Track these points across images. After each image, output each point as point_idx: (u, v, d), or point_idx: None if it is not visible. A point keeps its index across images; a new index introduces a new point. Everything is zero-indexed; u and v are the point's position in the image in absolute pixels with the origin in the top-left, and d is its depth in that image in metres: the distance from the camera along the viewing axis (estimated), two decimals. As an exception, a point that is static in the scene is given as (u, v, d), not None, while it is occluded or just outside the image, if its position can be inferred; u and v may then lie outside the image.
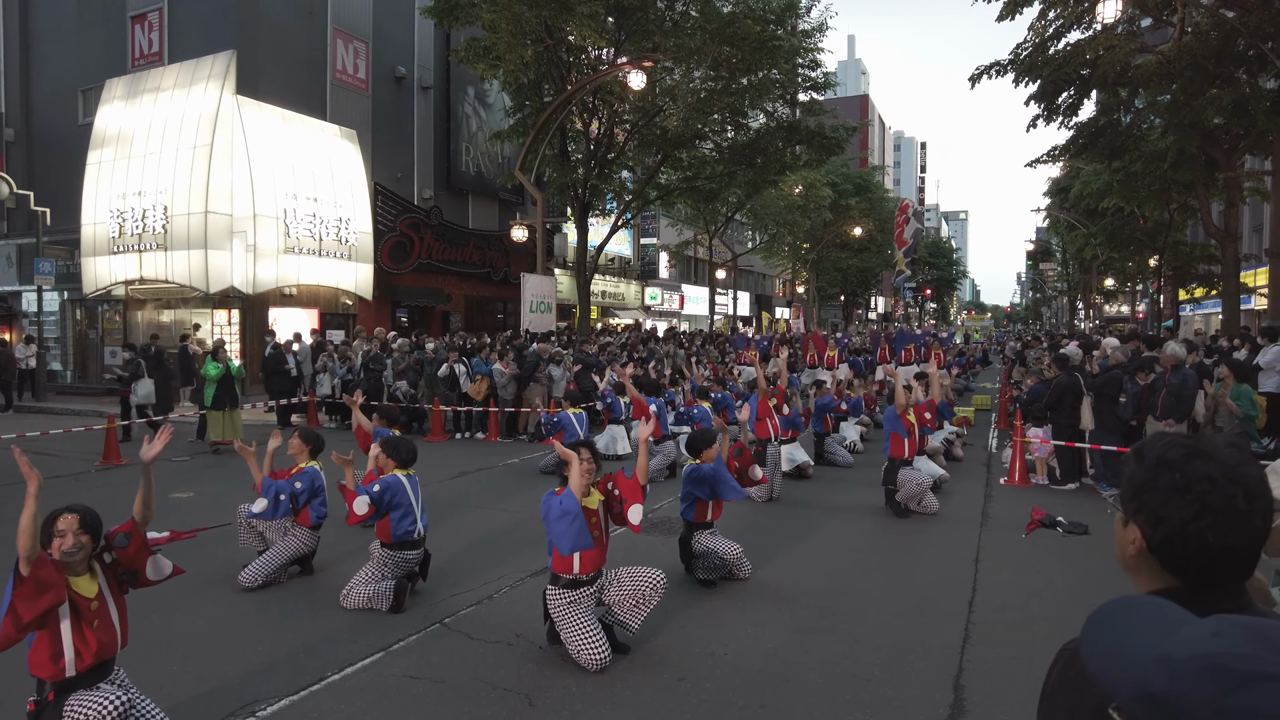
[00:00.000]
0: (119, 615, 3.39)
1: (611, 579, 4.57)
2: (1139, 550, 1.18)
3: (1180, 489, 1.13)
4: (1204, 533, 1.10)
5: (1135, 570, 1.23)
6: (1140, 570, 1.21)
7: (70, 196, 19.29)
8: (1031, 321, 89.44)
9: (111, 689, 3.26)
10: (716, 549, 5.73)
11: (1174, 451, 1.17)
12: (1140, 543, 1.18)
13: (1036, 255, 68.79)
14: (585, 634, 4.25)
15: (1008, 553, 6.66)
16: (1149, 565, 1.19)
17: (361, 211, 20.63)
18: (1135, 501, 1.20)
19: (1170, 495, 1.14)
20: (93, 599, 3.26)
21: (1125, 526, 1.22)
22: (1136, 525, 1.19)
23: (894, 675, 4.31)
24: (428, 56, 24.58)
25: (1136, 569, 1.22)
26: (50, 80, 22.14)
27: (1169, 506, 1.14)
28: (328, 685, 4.15)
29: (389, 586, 5.19)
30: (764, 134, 22.89)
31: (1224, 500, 1.11)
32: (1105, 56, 15.74)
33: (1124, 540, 1.22)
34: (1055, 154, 21.94)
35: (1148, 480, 1.18)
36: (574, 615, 4.32)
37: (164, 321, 19.48)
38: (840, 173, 39.50)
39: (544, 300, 19.06)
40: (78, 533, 3.24)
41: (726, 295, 40.06)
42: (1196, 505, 1.11)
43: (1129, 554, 1.21)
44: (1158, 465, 1.18)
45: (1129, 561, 1.23)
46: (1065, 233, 41.78)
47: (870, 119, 75.13)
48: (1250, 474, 1.13)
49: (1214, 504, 1.11)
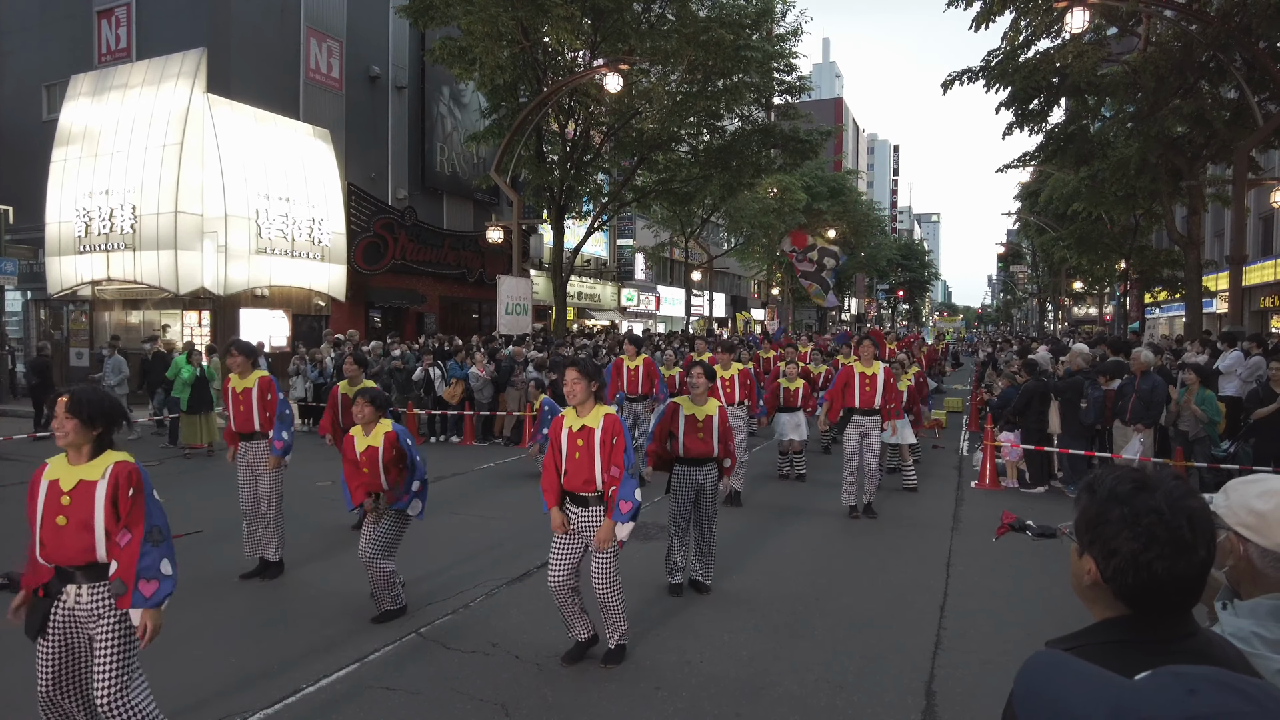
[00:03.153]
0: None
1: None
2: (1094, 580, 1.24)
3: (1130, 521, 1.19)
4: (1153, 563, 1.16)
5: (1090, 599, 1.28)
6: (1095, 599, 1.27)
7: (34, 194, 18.90)
8: (1002, 323, 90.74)
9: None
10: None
11: (1122, 485, 1.23)
12: (1095, 573, 1.23)
13: (1007, 258, 69.81)
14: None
15: (979, 556, 6.77)
16: (1103, 594, 1.24)
17: (335, 212, 20.43)
18: (1089, 534, 1.26)
19: (1120, 528, 1.20)
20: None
21: (1080, 557, 1.28)
22: (1090, 556, 1.24)
23: (867, 682, 4.37)
24: (402, 56, 24.40)
25: (1092, 598, 1.28)
26: (13, 75, 21.68)
27: (1120, 539, 1.19)
28: (303, 697, 4.13)
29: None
30: (739, 137, 23.01)
31: (1170, 532, 1.17)
32: (1074, 65, 16.05)
33: (1079, 570, 1.28)
34: (1026, 160, 22.28)
35: (1099, 513, 1.24)
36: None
37: (132, 323, 19.16)
38: (815, 176, 39.80)
39: (520, 302, 19.03)
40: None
41: (702, 296, 40.21)
42: (1146, 537, 1.17)
43: (1084, 584, 1.27)
44: (1108, 499, 1.24)
45: (1084, 591, 1.29)
46: (1035, 236, 42.46)
47: (845, 123, 75.73)
48: (1194, 505, 1.20)
49: (1161, 535, 1.17)
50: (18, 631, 3.15)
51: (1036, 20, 16.06)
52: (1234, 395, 10.17)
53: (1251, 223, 25.67)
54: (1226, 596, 1.62)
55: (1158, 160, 17.35)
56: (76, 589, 3.05)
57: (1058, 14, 14.71)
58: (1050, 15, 15.59)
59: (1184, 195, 18.43)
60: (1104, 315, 42.59)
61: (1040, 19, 15.90)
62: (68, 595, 3.07)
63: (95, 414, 3.06)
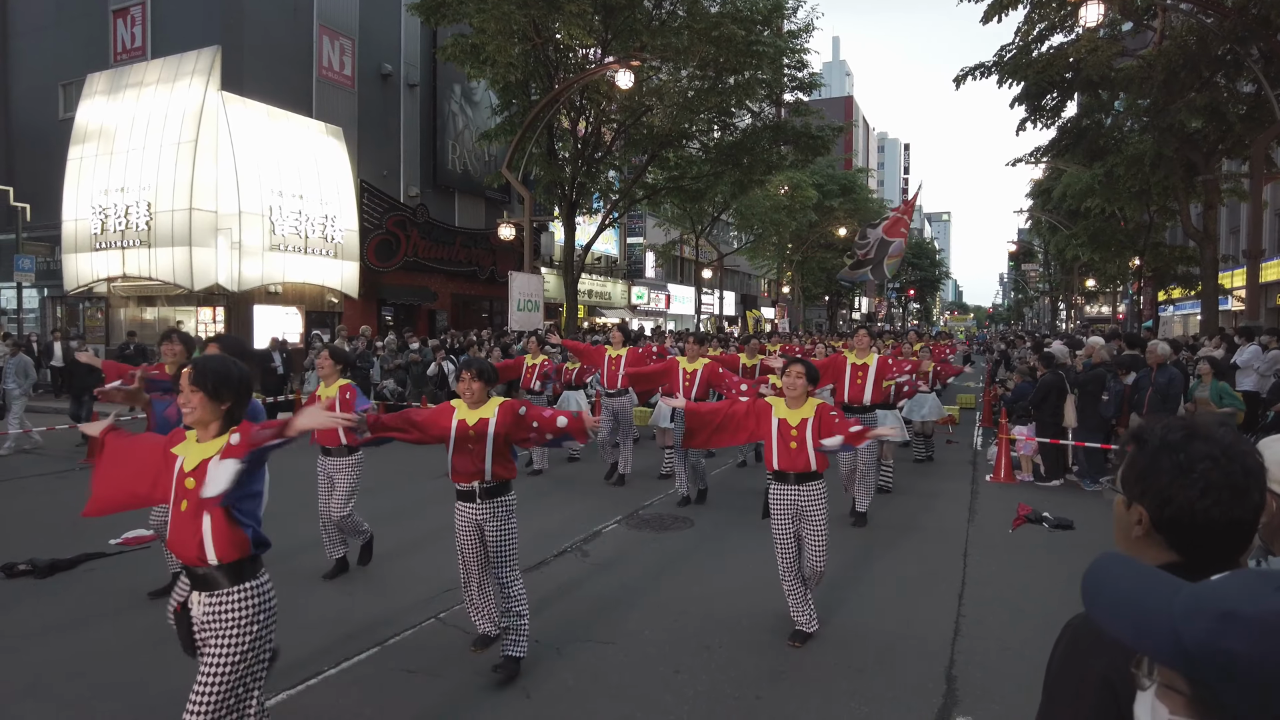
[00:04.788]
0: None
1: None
2: (1145, 530, 1.23)
3: (1185, 469, 1.19)
4: (1210, 509, 1.16)
5: (1140, 550, 1.28)
6: (1145, 549, 1.27)
7: (51, 192, 19.08)
8: (1014, 322, 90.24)
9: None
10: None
11: (1174, 434, 1.23)
12: (1147, 523, 1.23)
13: (1019, 256, 69.36)
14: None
15: (995, 548, 6.75)
16: (1154, 544, 1.24)
17: (347, 209, 20.53)
18: (1140, 485, 1.25)
19: (1175, 476, 1.20)
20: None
21: (1128, 509, 1.27)
22: (1141, 506, 1.24)
23: (886, 668, 4.37)
24: (414, 54, 24.49)
25: (1141, 549, 1.27)
26: (29, 74, 21.87)
27: (1175, 487, 1.19)
28: (324, 680, 4.15)
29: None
30: (750, 134, 22.98)
31: (1226, 477, 1.17)
32: (1088, 60, 15.97)
33: (1128, 522, 1.27)
34: (1038, 155, 22.18)
35: (1150, 463, 1.24)
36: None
37: (147, 319, 19.31)
38: (825, 174, 39.71)
39: (531, 298, 19.05)
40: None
41: (712, 295, 40.19)
42: (1202, 483, 1.17)
43: (1133, 535, 1.26)
44: (1160, 448, 1.23)
45: (1133, 542, 1.28)
46: (1047, 234, 42.21)
47: (855, 120, 75.54)
48: (1246, 449, 1.20)
49: (1217, 481, 1.17)
50: (15, 626, 3.17)
51: (1050, 14, 16.00)
52: (1252, 390, 10.10)
53: (1268, 217, 25.45)
54: (1260, 554, 1.61)
55: (1172, 155, 17.24)
56: (198, 596, 2.71)
57: (1071, 7, 14.65)
58: (1064, 9, 15.53)
59: (1199, 190, 18.31)
60: (1117, 314, 42.31)
61: (1054, 13, 15.83)
62: (193, 604, 2.73)
63: (220, 385, 2.72)
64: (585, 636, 4.76)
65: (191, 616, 2.72)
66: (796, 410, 4.73)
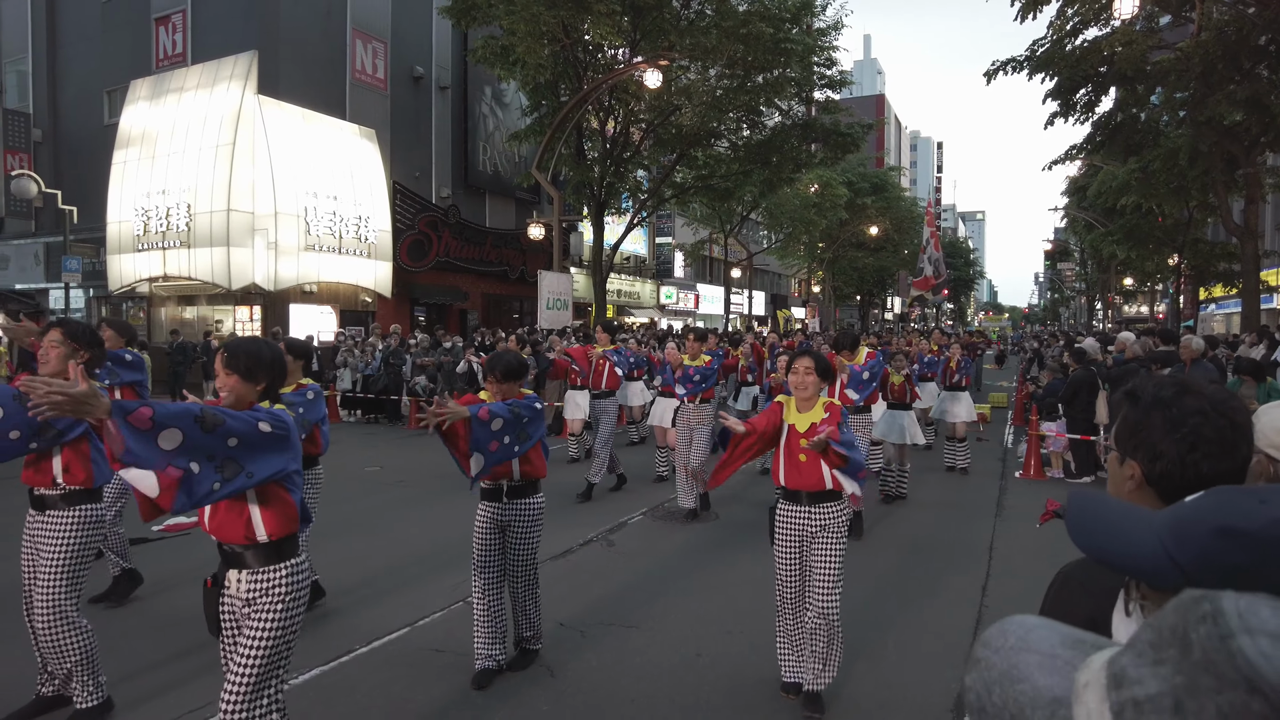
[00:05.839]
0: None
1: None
2: (1138, 485, 1.28)
3: (1175, 424, 1.23)
4: (1199, 462, 1.21)
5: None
6: (1138, 504, 1.31)
7: (96, 195, 19.64)
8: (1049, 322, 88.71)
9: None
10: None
11: (1165, 391, 1.28)
12: (1139, 477, 1.28)
13: (1054, 255, 68.22)
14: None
15: (1022, 542, 6.72)
16: (1147, 498, 1.28)
17: (380, 210, 20.86)
18: (1132, 440, 1.30)
19: (1166, 431, 1.24)
20: None
21: (1122, 464, 1.32)
22: (1134, 461, 1.29)
23: (908, 657, 4.39)
24: (445, 56, 24.80)
25: (1134, 504, 1.32)
26: (76, 82, 22.53)
27: (1166, 442, 1.24)
28: (356, 657, 4.29)
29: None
30: (780, 132, 22.92)
31: (1216, 431, 1.21)
32: (1123, 53, 15.70)
33: (1121, 477, 1.32)
34: (1073, 153, 21.81)
35: (1143, 419, 1.28)
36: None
37: (187, 318, 19.80)
38: (856, 172, 39.42)
39: (560, 297, 19.19)
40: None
41: (742, 294, 40.09)
42: (1192, 438, 1.21)
43: (1126, 490, 1.31)
44: (1152, 404, 1.28)
45: (1126, 497, 1.33)
46: (1083, 232, 41.48)
47: (886, 118, 74.83)
48: (1235, 405, 1.24)
49: (1207, 435, 1.21)
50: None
51: (1084, 7, 15.77)
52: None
53: (1313, 214, 24.79)
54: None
55: (1210, 149, 16.87)
56: (238, 574, 2.70)
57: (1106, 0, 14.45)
58: (1098, 2, 15.30)
59: (1240, 185, 17.91)
60: (1157, 313, 41.45)
61: (1088, 6, 15.61)
62: (230, 582, 2.72)
63: (254, 366, 2.73)
64: (609, 620, 4.85)
65: (224, 595, 2.73)
66: (806, 414, 3.86)
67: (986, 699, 0.55)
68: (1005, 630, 0.58)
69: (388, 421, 14.44)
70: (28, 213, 22.10)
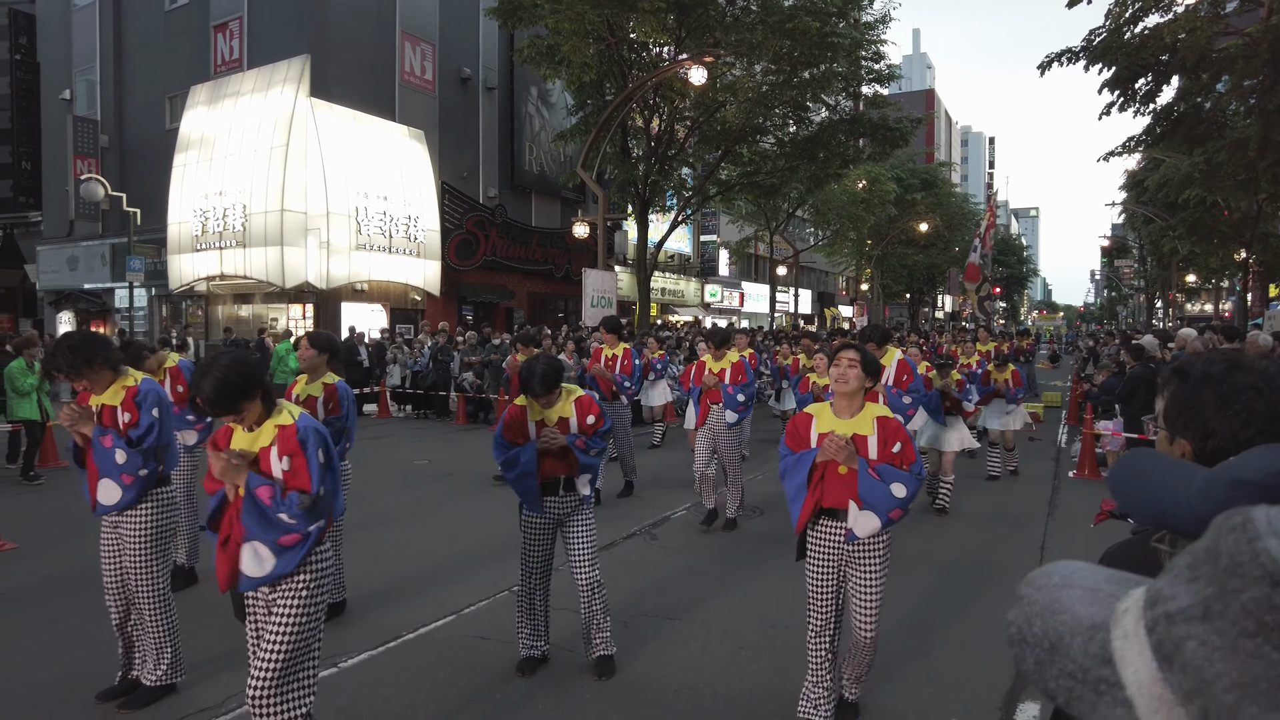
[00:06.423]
0: None
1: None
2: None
3: (1227, 400, 1.19)
4: (1252, 440, 1.16)
5: None
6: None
7: (158, 197, 20.32)
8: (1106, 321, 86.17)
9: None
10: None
11: (1216, 367, 1.23)
12: (1190, 456, 1.23)
13: (1112, 252, 66.17)
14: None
15: (1074, 542, 6.55)
16: None
17: (429, 210, 21.19)
18: (1182, 418, 1.26)
19: (1218, 408, 1.20)
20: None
21: (1171, 443, 1.28)
22: (1185, 440, 1.24)
23: (958, 652, 4.31)
24: (492, 57, 25.08)
25: None
26: (140, 89, 23.34)
27: (1217, 419, 1.19)
28: (403, 643, 4.37)
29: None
30: (826, 127, 22.66)
31: (1269, 408, 1.16)
32: (1186, 40, 15.15)
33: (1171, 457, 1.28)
34: (1132, 145, 21.11)
35: (1193, 396, 1.24)
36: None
37: (243, 316, 20.36)
38: (906, 168, 38.78)
39: (605, 295, 19.27)
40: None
41: (787, 292, 39.76)
42: (1245, 414, 1.17)
43: None
44: (1202, 381, 1.23)
45: None
46: (1143, 227, 40.20)
47: (936, 113, 73.46)
48: None
49: (1261, 412, 1.16)
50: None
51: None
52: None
53: (1391, 207, 23.62)
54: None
55: (1281, 137, 16.19)
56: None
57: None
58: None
59: (1313, 176, 17.17)
60: (1223, 312, 39.95)
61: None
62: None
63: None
64: (652, 611, 4.85)
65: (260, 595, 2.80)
66: (849, 421, 3.37)
67: (1027, 630, 0.55)
68: (1050, 570, 0.59)
69: (436, 417, 14.68)
70: (95, 215, 22.96)
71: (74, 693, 3.77)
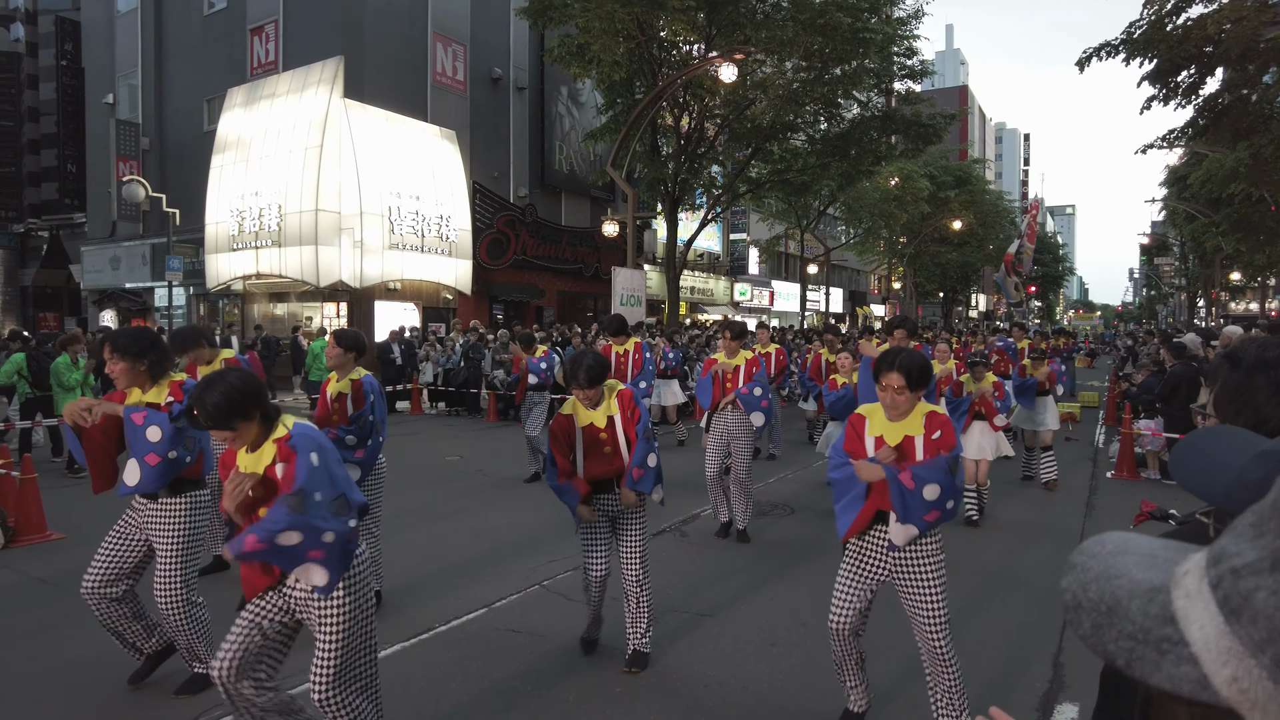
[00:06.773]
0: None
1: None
2: None
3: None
4: None
5: None
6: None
7: (196, 198, 20.72)
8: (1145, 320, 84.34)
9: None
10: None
11: (1270, 352, 1.20)
12: None
13: (1151, 250, 64.75)
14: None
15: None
16: None
17: (461, 209, 21.36)
18: (1234, 405, 1.23)
19: (1271, 393, 1.17)
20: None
21: None
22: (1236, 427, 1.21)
23: (993, 652, 4.26)
24: (523, 58, 25.21)
25: None
26: (180, 92, 23.82)
27: (1271, 404, 1.16)
28: (435, 634, 4.41)
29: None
30: (858, 124, 22.46)
31: None
32: (1232, 31, 14.77)
33: None
34: (1172, 138, 20.61)
35: (1245, 382, 1.21)
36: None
37: (278, 314, 20.69)
38: (939, 165, 38.29)
39: (634, 294, 19.28)
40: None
41: (818, 291, 39.46)
42: None
43: None
44: (1255, 366, 1.21)
45: None
46: (1184, 224, 39.27)
47: (970, 109, 72.47)
48: None
49: None
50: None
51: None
52: None
53: None
54: None
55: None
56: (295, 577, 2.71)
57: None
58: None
59: (1363, 170, 16.65)
60: (1270, 310, 38.90)
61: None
62: (290, 581, 2.74)
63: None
64: (682, 608, 4.85)
65: (285, 594, 2.76)
66: (898, 425, 3.25)
67: (1083, 595, 0.55)
68: (1103, 539, 0.59)
69: (468, 414, 14.81)
70: (136, 216, 23.49)
71: (123, 674, 3.86)
